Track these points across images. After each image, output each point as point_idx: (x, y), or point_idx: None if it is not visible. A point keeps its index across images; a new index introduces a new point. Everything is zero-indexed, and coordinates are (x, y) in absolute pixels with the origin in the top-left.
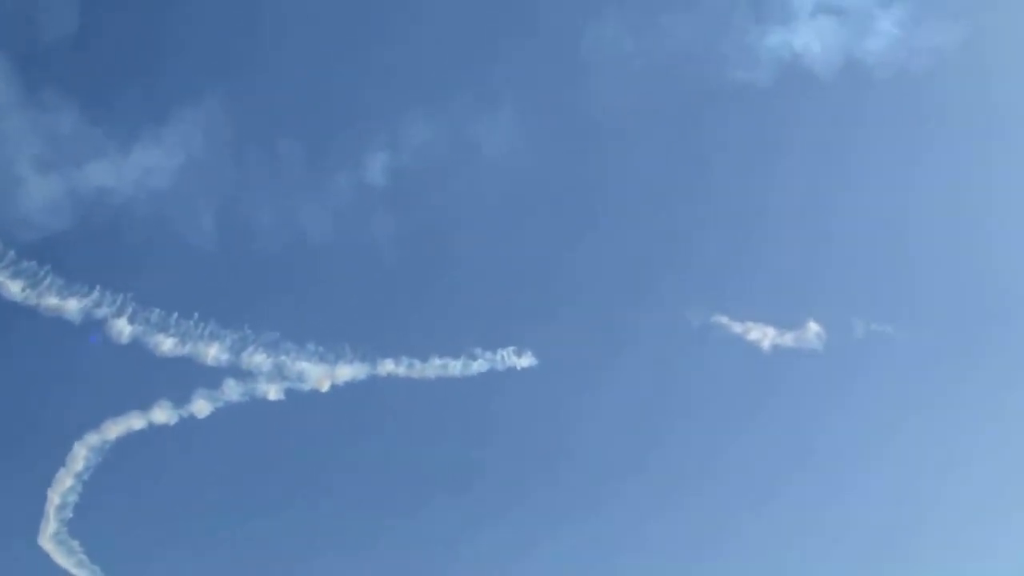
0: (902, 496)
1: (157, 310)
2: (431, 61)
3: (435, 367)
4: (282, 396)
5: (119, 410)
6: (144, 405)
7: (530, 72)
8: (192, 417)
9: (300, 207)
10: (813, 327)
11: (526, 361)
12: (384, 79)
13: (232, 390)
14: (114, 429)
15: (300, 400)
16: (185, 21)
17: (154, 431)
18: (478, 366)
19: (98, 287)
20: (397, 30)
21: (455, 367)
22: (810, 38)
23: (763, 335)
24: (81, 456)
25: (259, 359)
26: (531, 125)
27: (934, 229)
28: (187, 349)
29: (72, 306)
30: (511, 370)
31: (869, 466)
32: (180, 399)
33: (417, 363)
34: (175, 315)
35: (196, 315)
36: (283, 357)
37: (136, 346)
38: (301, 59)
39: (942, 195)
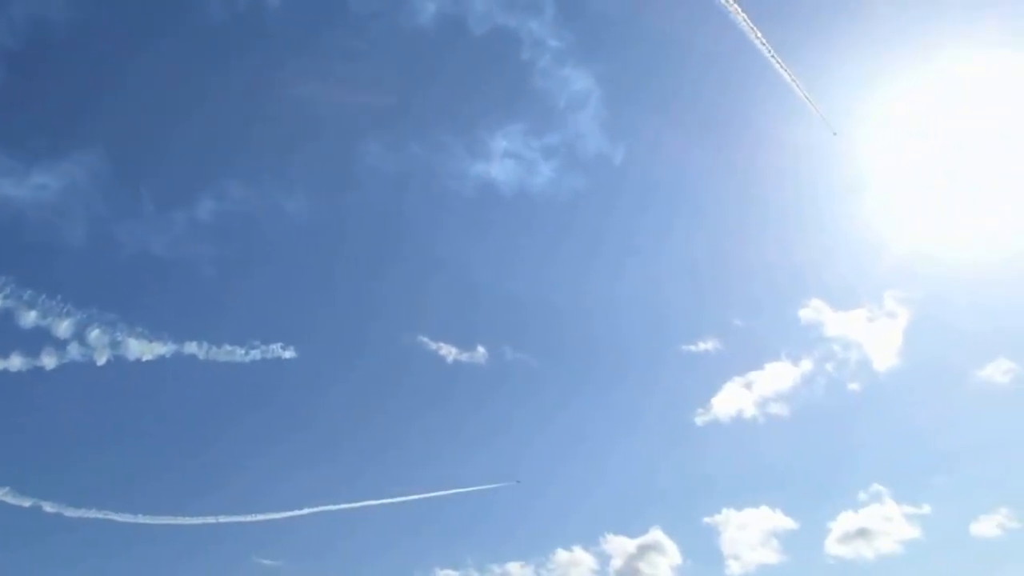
0: None
1: (30, 290)
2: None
3: (225, 352)
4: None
5: None
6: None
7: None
8: (40, 368)
9: (149, 228)
10: (481, 349)
11: (289, 354)
12: (215, 147)
13: (74, 351)
14: None
15: (123, 365)
16: (82, 84)
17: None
18: (255, 354)
19: None
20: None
21: (240, 353)
22: (498, 169)
23: (448, 353)
24: None
25: (96, 333)
26: (313, 194)
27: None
28: (46, 321)
29: None
30: (278, 359)
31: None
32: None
33: (214, 347)
34: (43, 296)
35: (59, 296)
36: (117, 333)
37: (6, 315)
38: (160, 122)
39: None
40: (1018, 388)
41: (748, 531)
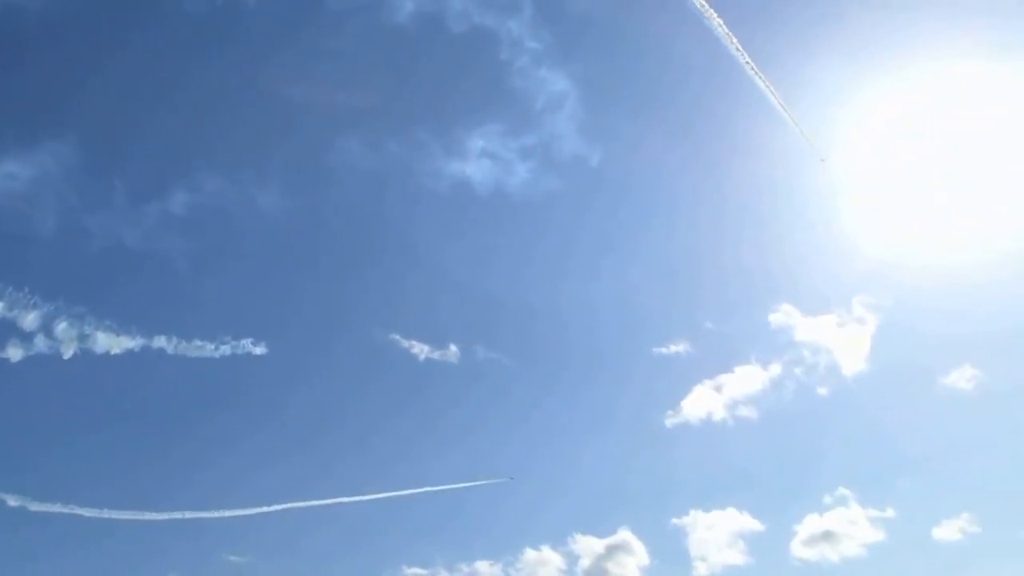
0: None
1: None
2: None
3: (195, 347)
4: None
5: None
6: None
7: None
8: (5, 360)
9: (121, 220)
10: (453, 348)
11: (259, 350)
12: (190, 140)
13: (40, 343)
14: None
15: (91, 359)
16: (55, 73)
17: None
18: (225, 350)
19: None
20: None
21: (210, 348)
22: (475, 169)
23: (421, 351)
24: None
25: (63, 326)
26: (288, 190)
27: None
28: (13, 313)
29: None
30: (249, 355)
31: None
32: None
33: (183, 342)
34: (9, 287)
35: (26, 288)
36: (85, 326)
37: None
38: (135, 114)
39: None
40: (982, 394)
41: (715, 532)
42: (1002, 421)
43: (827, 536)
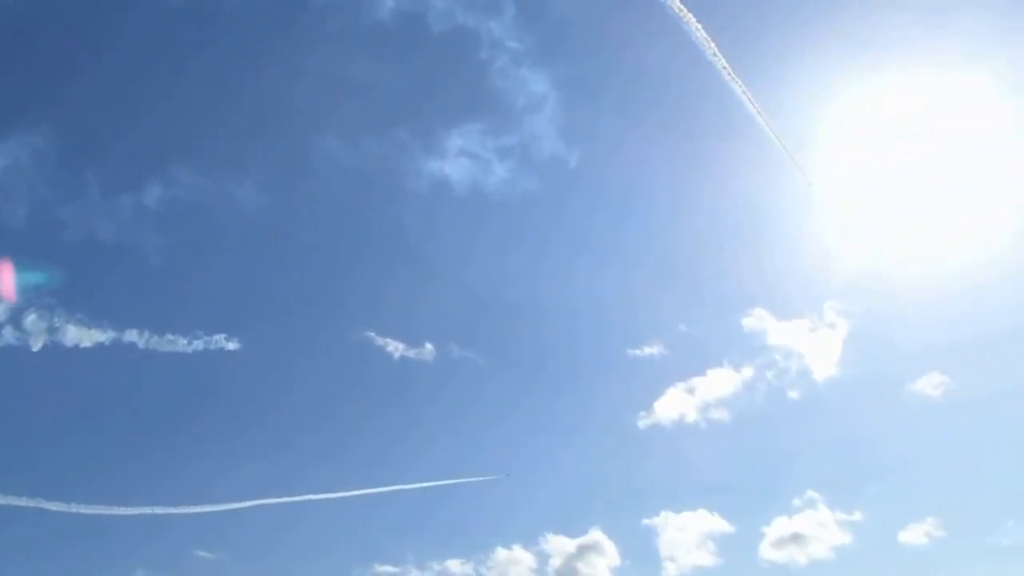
0: None
1: None
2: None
3: (167, 342)
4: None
5: None
6: None
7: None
8: None
9: (93, 212)
10: (429, 346)
11: (233, 345)
12: (166, 133)
13: (8, 335)
14: None
15: (60, 352)
16: (28, 62)
17: None
18: (198, 345)
19: None
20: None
21: (182, 343)
22: (453, 168)
23: (396, 349)
24: None
25: (32, 318)
26: (266, 185)
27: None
28: None
29: None
30: (222, 350)
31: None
32: None
33: (155, 336)
34: None
35: None
36: (54, 319)
37: None
38: (110, 105)
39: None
40: (949, 401)
41: (686, 533)
42: (969, 428)
43: (796, 538)
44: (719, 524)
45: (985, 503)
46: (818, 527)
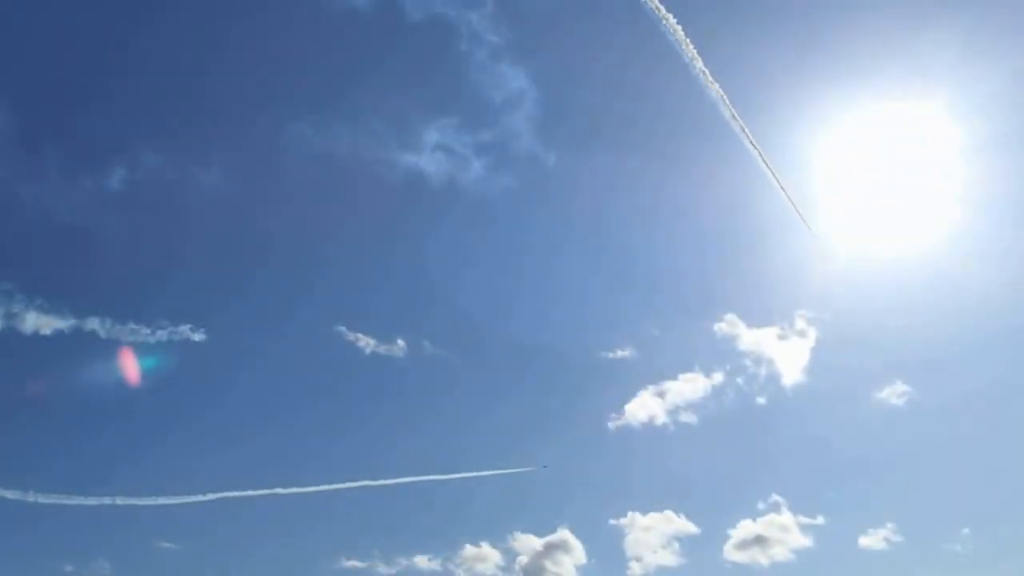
0: None
1: None
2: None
3: (129, 331)
4: None
5: None
6: None
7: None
8: None
9: (53, 193)
10: (400, 343)
11: (198, 336)
12: (130, 113)
13: None
14: None
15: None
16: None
17: None
18: (162, 335)
19: None
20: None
21: (145, 333)
22: (428, 162)
23: (367, 344)
24: None
25: None
26: (235, 172)
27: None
28: None
29: None
30: (187, 341)
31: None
32: None
33: (117, 325)
34: None
35: None
36: (13, 304)
37: None
38: (73, 83)
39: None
40: (912, 410)
41: (652, 534)
42: (929, 437)
43: (759, 540)
44: (685, 525)
45: (943, 511)
46: (780, 530)
